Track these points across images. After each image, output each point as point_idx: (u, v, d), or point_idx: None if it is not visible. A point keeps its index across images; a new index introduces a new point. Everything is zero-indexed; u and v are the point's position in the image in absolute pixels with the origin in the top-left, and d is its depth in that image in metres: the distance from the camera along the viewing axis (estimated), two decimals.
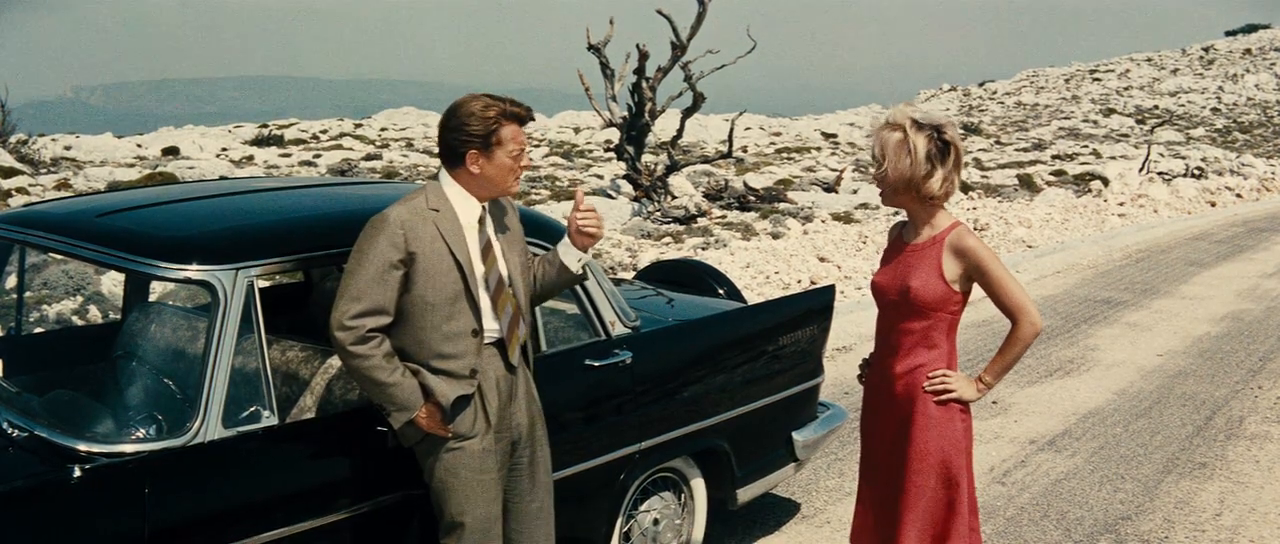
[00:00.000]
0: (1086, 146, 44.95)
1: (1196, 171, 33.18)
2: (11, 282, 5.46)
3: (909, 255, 4.34)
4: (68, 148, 29.26)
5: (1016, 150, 43.35)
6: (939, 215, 4.32)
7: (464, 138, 4.05)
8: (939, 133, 4.20)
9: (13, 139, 24.56)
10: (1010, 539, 6.54)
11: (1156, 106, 72.12)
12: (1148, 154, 34.07)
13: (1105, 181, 29.09)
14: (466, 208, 4.14)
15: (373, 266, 3.94)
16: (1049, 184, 29.01)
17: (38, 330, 8.89)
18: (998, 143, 47.92)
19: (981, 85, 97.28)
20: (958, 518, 4.38)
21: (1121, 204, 24.78)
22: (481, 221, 4.18)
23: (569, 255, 4.42)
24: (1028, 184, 28.41)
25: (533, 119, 4.21)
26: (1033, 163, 36.51)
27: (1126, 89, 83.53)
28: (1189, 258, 18.20)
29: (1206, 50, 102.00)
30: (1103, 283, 15.56)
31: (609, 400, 5.14)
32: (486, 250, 4.17)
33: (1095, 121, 62.15)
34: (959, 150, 4.27)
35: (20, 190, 18.90)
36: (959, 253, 4.23)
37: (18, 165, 21.87)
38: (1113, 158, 38.24)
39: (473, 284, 4.09)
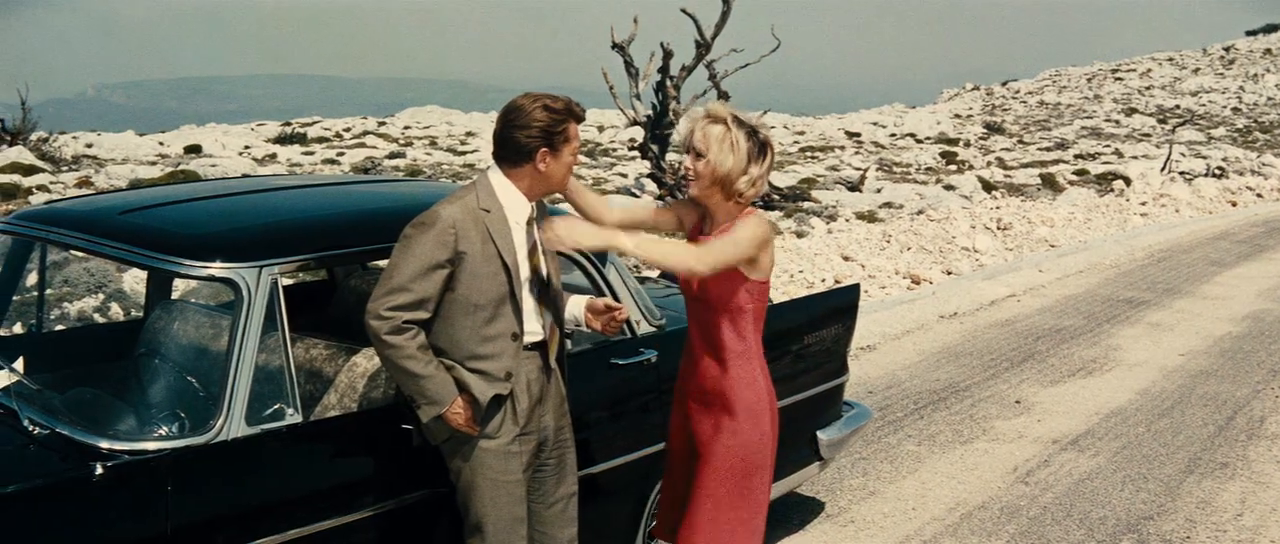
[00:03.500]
0: (1109, 146, 44.79)
1: (1218, 171, 33.01)
2: (33, 279, 5.48)
3: None
4: (89, 146, 29.34)
5: (1039, 149, 43.22)
6: (737, 212, 4.23)
7: (534, 135, 4.02)
8: (756, 133, 4.14)
9: (34, 137, 24.67)
10: (1033, 539, 6.52)
11: (1178, 106, 71.74)
12: (1169, 153, 33.90)
13: (1127, 181, 28.96)
14: (517, 208, 4.11)
15: (417, 263, 3.91)
16: (1071, 183, 28.89)
17: (59, 328, 8.91)
18: (1020, 142, 47.79)
19: (1004, 84, 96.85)
20: (743, 534, 4.31)
21: (1143, 204, 24.65)
22: (530, 222, 4.16)
23: (570, 314, 4.44)
24: (1050, 183, 28.32)
25: (585, 118, 4.21)
26: (1055, 162, 36.38)
27: (1148, 88, 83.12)
28: (1210, 257, 18.11)
29: (1227, 50, 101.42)
30: (1125, 282, 15.48)
31: (634, 399, 5.14)
32: (533, 251, 4.15)
33: (1117, 121, 61.88)
34: (773, 153, 4.22)
35: (41, 188, 18.97)
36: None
37: (39, 163, 21.96)
38: (1135, 157, 38.09)
39: (517, 286, 4.07)
